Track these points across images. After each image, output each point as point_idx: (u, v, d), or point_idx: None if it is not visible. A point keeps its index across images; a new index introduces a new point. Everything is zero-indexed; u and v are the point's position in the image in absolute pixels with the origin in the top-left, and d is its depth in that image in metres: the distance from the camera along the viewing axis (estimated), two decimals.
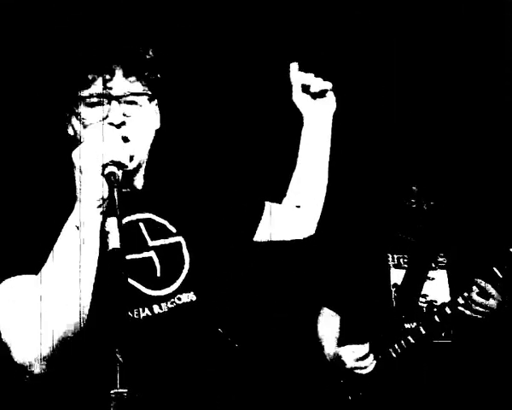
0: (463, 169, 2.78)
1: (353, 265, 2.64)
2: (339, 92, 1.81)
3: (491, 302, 2.30)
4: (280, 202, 1.89)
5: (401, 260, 2.60)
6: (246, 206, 1.81)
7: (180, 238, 1.58)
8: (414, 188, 2.57)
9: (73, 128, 1.48)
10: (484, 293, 2.29)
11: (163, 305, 1.47)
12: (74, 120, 1.47)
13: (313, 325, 2.70)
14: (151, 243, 1.53)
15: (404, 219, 2.61)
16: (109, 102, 1.43)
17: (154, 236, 1.54)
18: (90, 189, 1.24)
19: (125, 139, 1.41)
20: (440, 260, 2.58)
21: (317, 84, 1.78)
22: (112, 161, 1.24)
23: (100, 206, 1.25)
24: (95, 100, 1.43)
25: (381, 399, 2.42)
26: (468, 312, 2.33)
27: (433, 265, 2.56)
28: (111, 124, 1.42)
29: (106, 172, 1.23)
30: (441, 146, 2.72)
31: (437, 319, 2.38)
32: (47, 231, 1.32)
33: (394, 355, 2.41)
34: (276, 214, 1.83)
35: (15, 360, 1.25)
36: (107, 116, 1.42)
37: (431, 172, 2.61)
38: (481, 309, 2.31)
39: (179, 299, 1.50)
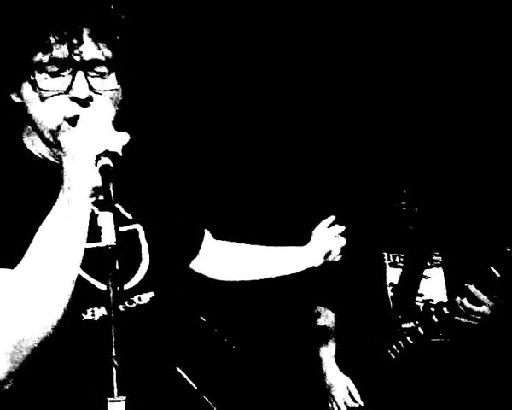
0: (460, 167, 2.77)
1: (349, 263, 2.62)
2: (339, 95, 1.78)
3: (483, 309, 2.29)
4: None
5: (397, 258, 2.58)
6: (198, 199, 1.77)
7: (137, 226, 1.43)
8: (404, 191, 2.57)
9: (21, 96, 1.26)
10: (475, 299, 2.28)
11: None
12: (26, 87, 1.25)
13: (309, 324, 2.68)
14: None
15: (398, 219, 2.60)
16: (74, 72, 1.22)
17: None
18: (82, 177, 1.10)
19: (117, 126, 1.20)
20: (436, 258, 2.57)
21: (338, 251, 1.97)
22: (106, 152, 1.10)
23: (92, 196, 1.12)
24: (56, 69, 1.22)
25: (380, 400, 2.41)
26: (461, 318, 2.32)
27: (429, 263, 2.55)
28: (74, 99, 1.22)
29: (99, 164, 1.09)
30: (436, 144, 2.70)
31: (435, 319, 2.37)
32: (24, 219, 1.19)
33: (393, 356, 2.40)
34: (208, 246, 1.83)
35: None
36: (69, 88, 1.22)
37: (426, 169, 2.59)
38: (473, 316, 2.30)
39: (140, 299, 1.36)
